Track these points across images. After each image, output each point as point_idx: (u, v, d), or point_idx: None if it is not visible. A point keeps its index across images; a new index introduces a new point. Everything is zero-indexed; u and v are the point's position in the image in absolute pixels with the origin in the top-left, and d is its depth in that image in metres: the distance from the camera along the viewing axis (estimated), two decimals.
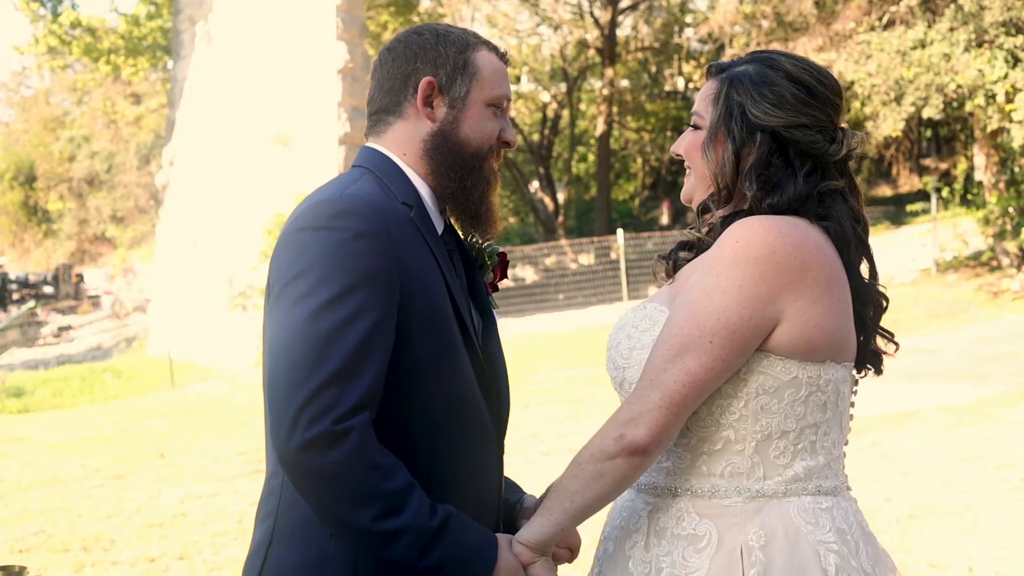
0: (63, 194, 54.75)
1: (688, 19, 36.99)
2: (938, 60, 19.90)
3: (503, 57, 2.75)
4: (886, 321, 2.74)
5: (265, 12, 25.51)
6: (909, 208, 27.28)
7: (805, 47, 23.00)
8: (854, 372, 2.63)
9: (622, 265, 27.84)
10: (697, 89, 38.75)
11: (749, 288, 2.40)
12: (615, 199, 40.91)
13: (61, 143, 55.29)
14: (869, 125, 21.92)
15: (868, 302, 2.63)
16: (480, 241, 2.81)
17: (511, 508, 2.85)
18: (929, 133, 37.04)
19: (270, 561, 2.55)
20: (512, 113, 41.31)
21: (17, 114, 62.19)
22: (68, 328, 37.43)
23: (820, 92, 2.57)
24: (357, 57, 26.18)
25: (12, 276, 46.35)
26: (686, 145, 2.69)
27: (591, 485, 2.44)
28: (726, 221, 2.57)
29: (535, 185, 39.59)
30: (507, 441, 2.79)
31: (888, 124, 20.95)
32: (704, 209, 2.67)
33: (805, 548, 2.42)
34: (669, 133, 39.41)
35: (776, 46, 23.94)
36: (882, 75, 20.74)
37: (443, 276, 2.58)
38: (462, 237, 2.81)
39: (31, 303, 39.80)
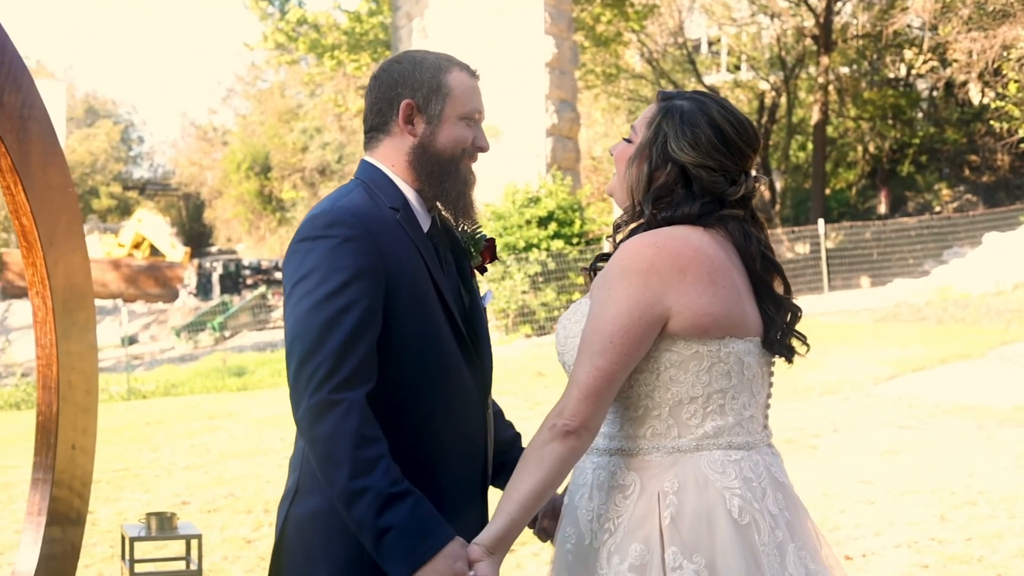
0: (296, 183, 56.40)
1: (908, 4, 36.40)
2: None
3: (474, 75, 3.26)
4: None
5: (477, 7, 26.28)
6: None
7: (1005, 35, 22.63)
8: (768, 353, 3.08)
9: (823, 255, 27.75)
10: (920, 76, 38.32)
11: (635, 296, 2.89)
12: (834, 188, 40.56)
13: (294, 134, 57.03)
14: None
15: (784, 309, 3.09)
16: (469, 230, 3.35)
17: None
18: None
19: (295, 506, 3.12)
20: (731, 102, 41.39)
21: (253, 107, 64.47)
22: None
23: (734, 141, 3.02)
24: (564, 51, 26.79)
25: (245, 262, 48.31)
26: (617, 153, 3.16)
27: (534, 471, 2.90)
28: (631, 235, 3.07)
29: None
30: None
31: None
32: (617, 227, 3.15)
33: (712, 493, 2.89)
34: (890, 121, 38.88)
35: (975, 35, 23.58)
36: None
37: (427, 267, 3.12)
38: (455, 229, 3.35)
39: (262, 288, 41.47)
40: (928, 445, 10.53)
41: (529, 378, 17.16)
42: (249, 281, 46.04)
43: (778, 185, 39.79)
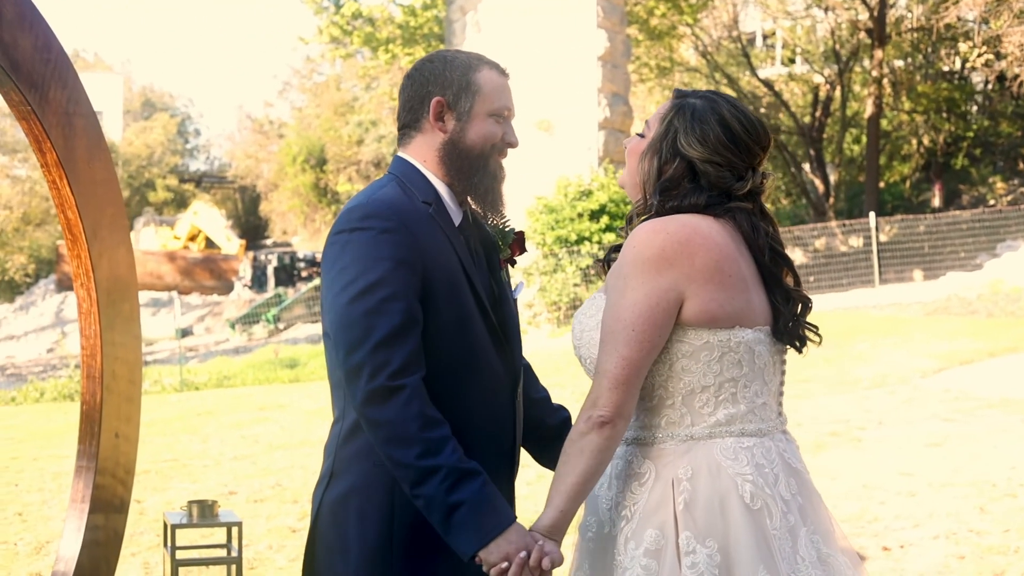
0: (351, 176, 56.58)
1: None
2: None
3: (503, 73, 3.37)
4: None
5: (530, 2, 26.35)
6: None
7: None
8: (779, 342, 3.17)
9: (874, 248, 27.65)
10: (974, 69, 38.00)
11: (650, 282, 2.99)
12: (888, 181, 40.33)
13: (350, 127, 57.26)
14: None
15: (793, 301, 3.18)
16: (499, 223, 3.46)
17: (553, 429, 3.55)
18: None
19: (329, 491, 3.24)
20: (786, 95, 41.62)
21: (309, 100, 64.80)
22: None
23: (742, 139, 3.13)
24: (617, 44, 26.81)
25: (300, 255, 48.61)
26: (630, 148, 3.27)
27: (576, 463, 3.01)
28: None
29: (807, 167, 39.33)
30: None
31: None
32: (629, 219, 3.25)
33: (725, 479, 2.99)
34: (945, 114, 38.62)
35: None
36: None
37: (459, 259, 3.23)
38: (485, 223, 3.46)
39: (316, 280, 41.68)
40: (971, 438, 10.52)
41: (578, 370, 17.21)
42: (304, 274, 46.34)
43: (832, 178, 39.59)
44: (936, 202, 38.19)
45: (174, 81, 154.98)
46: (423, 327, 3.13)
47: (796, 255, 33.89)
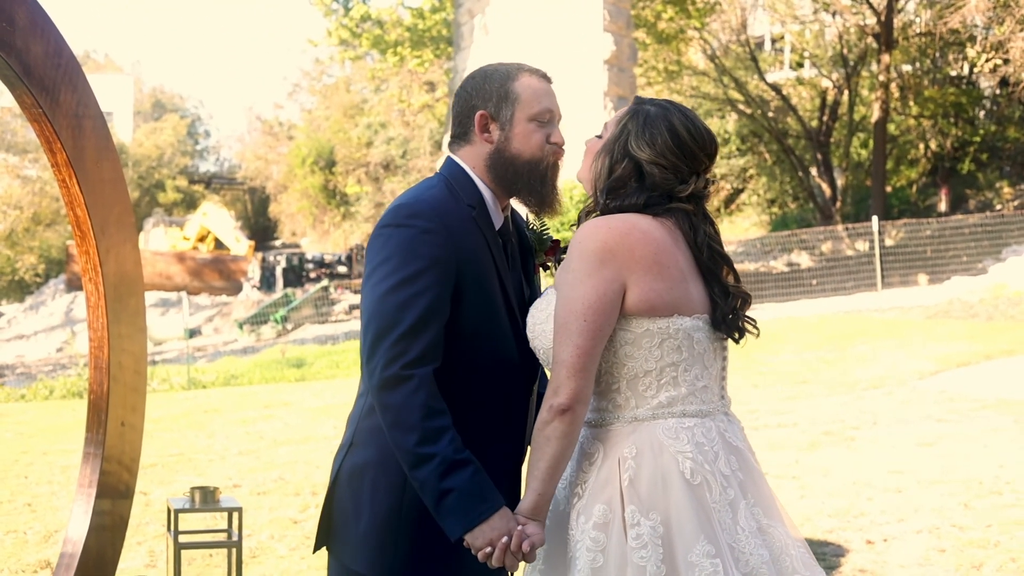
0: (360, 178, 56.83)
1: (963, 3, 36.12)
2: None
3: (544, 78, 3.61)
4: None
5: (537, 5, 26.56)
6: None
7: None
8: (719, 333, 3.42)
9: (877, 252, 27.81)
10: (981, 73, 38.06)
11: (595, 274, 3.24)
12: (895, 186, 40.44)
13: (359, 129, 57.51)
14: None
15: (733, 296, 3.42)
16: (538, 229, 3.74)
17: None
18: None
19: (349, 457, 3.53)
20: (794, 99, 41.73)
21: (319, 101, 65.05)
22: (359, 306, 38.94)
23: (688, 146, 3.38)
24: (623, 48, 27.03)
25: (308, 256, 48.80)
26: (589, 146, 3.53)
27: (545, 449, 3.26)
28: None
29: (814, 171, 39.42)
30: None
31: None
32: (580, 219, 3.51)
33: (667, 457, 3.24)
34: (952, 119, 38.73)
35: None
36: None
37: (494, 261, 3.49)
38: (528, 225, 3.75)
39: (324, 281, 41.92)
40: (963, 438, 10.71)
41: None
42: (312, 275, 46.51)
43: (839, 182, 39.71)
44: (943, 207, 38.30)
45: (184, 82, 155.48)
46: (453, 323, 3.39)
47: (802, 258, 34.04)
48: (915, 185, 40.80)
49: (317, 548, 3.62)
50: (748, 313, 3.48)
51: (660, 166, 3.37)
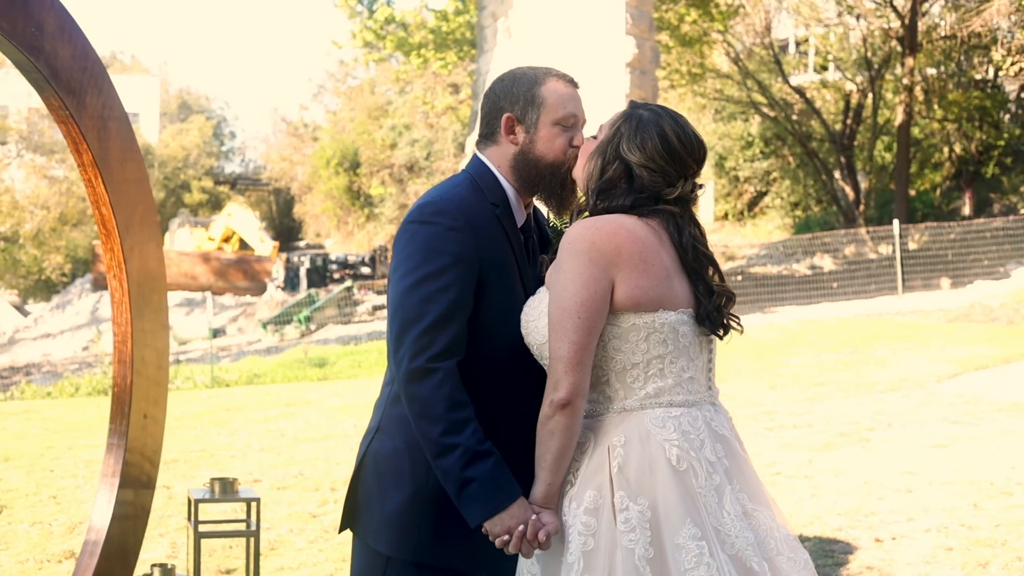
0: (385, 180, 56.87)
1: (985, 7, 36.00)
2: None
3: (571, 83, 3.77)
4: None
5: (560, 8, 26.68)
6: None
7: None
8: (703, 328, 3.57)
9: (897, 256, 27.85)
10: (1006, 77, 38.00)
11: (585, 273, 3.40)
12: (919, 189, 40.42)
13: (383, 131, 57.63)
14: None
15: (717, 294, 3.57)
16: (560, 226, 3.88)
17: None
18: None
19: (375, 443, 3.70)
20: (817, 103, 41.67)
21: (343, 103, 65.25)
22: (383, 307, 39.24)
23: (677, 151, 3.53)
24: (645, 51, 27.14)
25: (332, 257, 48.99)
26: (583, 147, 3.67)
27: (550, 443, 3.43)
28: None
29: (837, 174, 39.40)
30: (738, 416, 3.85)
31: None
32: (572, 218, 3.69)
33: (654, 444, 3.40)
34: (976, 122, 38.71)
35: None
36: None
37: (515, 257, 3.66)
38: (548, 223, 3.92)
39: (348, 282, 42.08)
40: (976, 440, 10.79)
41: None
42: (336, 275, 46.70)
43: (863, 186, 39.71)
44: (966, 210, 38.27)
45: (210, 84, 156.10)
46: (475, 318, 3.55)
47: (824, 262, 34.05)
48: (939, 189, 40.77)
49: (342, 529, 3.78)
50: (758, 315, 3.64)
51: (649, 169, 3.52)
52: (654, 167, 3.52)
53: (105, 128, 4.93)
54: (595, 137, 3.65)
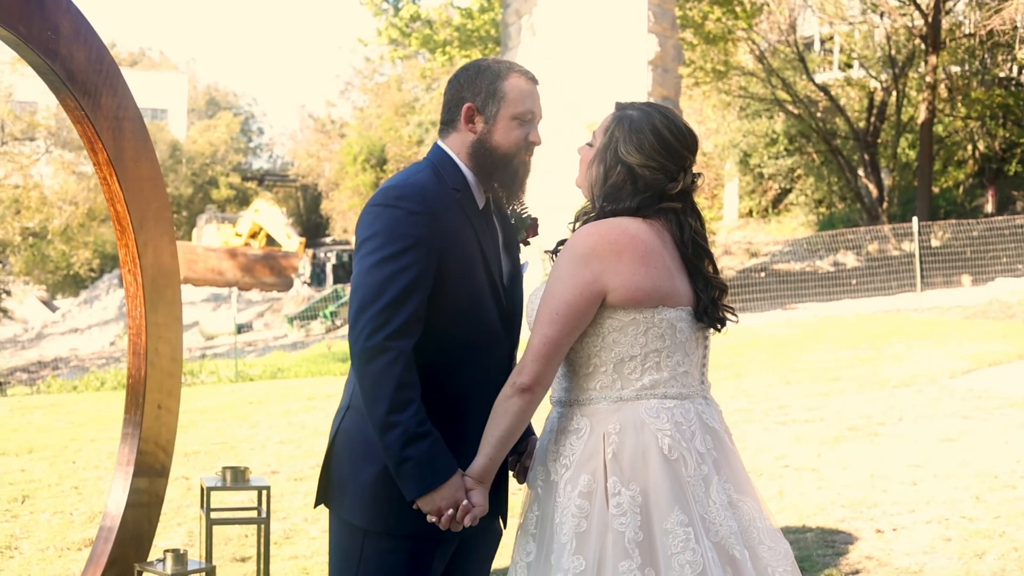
0: None
1: (1005, 5, 35.94)
2: None
3: (531, 80, 3.93)
4: None
5: (583, 6, 26.82)
6: None
7: None
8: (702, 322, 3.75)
9: (917, 253, 27.89)
10: None
11: (577, 276, 3.59)
12: (943, 187, 40.39)
13: (410, 127, 57.86)
14: None
15: (712, 287, 3.75)
16: (518, 210, 4.06)
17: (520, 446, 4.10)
18: None
19: (346, 420, 3.85)
20: (842, 100, 41.64)
21: (370, 100, 65.52)
22: None
23: (673, 146, 3.70)
24: (668, 49, 27.26)
25: None
26: (582, 156, 3.84)
27: (500, 420, 3.63)
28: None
29: (861, 172, 39.40)
30: (753, 410, 4.01)
31: None
32: (577, 217, 3.85)
33: (647, 434, 3.58)
34: (1000, 120, 38.68)
35: None
36: None
37: (478, 240, 3.83)
38: (505, 208, 4.06)
39: None
40: (984, 434, 10.90)
41: None
42: None
43: (887, 183, 39.69)
44: (989, 208, 38.25)
45: (238, 80, 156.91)
46: (439, 299, 3.71)
47: (848, 259, 34.10)
48: (962, 186, 40.73)
49: (317, 504, 3.96)
50: (779, 312, 3.82)
51: (651, 168, 3.69)
52: (655, 165, 3.69)
53: (120, 128, 5.13)
54: (590, 144, 3.82)
